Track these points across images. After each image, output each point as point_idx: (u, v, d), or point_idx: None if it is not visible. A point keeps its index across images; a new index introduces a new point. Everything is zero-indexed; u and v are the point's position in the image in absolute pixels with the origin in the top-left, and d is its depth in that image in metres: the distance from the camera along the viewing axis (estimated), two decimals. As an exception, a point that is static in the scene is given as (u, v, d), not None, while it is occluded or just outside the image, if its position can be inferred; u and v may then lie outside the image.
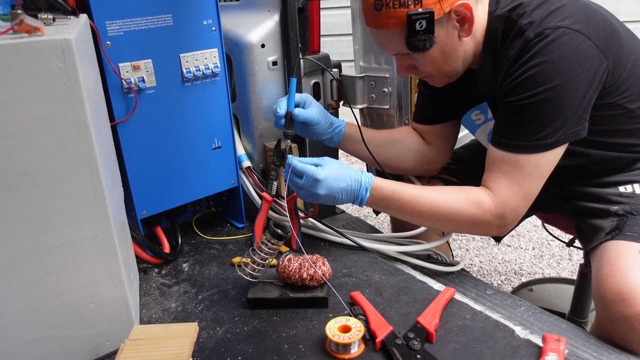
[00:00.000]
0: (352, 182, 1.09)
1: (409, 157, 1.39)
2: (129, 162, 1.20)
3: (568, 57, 0.99)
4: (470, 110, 1.29)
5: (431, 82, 1.20)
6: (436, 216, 1.10)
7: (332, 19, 3.95)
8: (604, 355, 0.95)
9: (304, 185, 1.09)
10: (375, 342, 0.95)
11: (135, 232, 1.18)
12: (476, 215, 1.08)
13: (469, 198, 1.08)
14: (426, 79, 1.19)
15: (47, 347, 0.91)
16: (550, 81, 0.99)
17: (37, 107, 0.79)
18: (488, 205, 1.07)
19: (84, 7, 1.06)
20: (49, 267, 0.87)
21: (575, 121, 1.03)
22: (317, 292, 1.08)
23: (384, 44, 1.11)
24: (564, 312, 1.74)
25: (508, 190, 1.07)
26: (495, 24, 1.09)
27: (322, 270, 1.09)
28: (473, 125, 1.32)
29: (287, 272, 1.09)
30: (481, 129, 1.31)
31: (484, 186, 1.11)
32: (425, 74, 1.15)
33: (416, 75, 1.19)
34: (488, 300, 1.10)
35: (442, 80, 1.17)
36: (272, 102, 1.49)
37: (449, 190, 1.12)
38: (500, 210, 1.07)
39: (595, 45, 1.01)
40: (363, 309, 1.03)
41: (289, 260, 1.10)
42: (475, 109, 1.28)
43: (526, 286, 2.03)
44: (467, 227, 1.11)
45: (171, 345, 0.87)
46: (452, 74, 1.15)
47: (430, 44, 1.05)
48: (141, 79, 1.16)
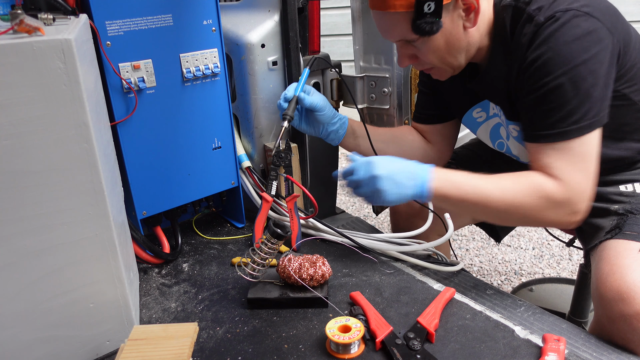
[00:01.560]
0: (407, 163, 1.07)
1: (412, 154, 1.38)
2: (129, 162, 1.20)
3: (582, 38, 0.97)
4: (472, 108, 1.28)
5: (434, 74, 1.18)
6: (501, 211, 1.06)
7: (332, 19, 3.95)
8: (604, 355, 0.95)
9: (361, 178, 1.06)
10: (375, 342, 0.95)
11: (135, 232, 1.18)
12: (540, 202, 1.03)
13: (533, 187, 1.03)
14: (429, 71, 1.17)
15: (47, 347, 0.91)
16: (568, 62, 0.97)
17: (37, 107, 0.79)
18: (553, 189, 1.02)
19: (84, 7, 1.06)
20: (49, 267, 0.87)
21: (604, 103, 1.01)
22: (317, 292, 1.08)
23: (388, 28, 1.09)
24: (564, 312, 1.74)
25: (569, 168, 1.01)
26: (502, 14, 1.08)
27: (322, 270, 1.09)
28: (474, 124, 1.32)
29: (287, 272, 1.09)
30: (483, 127, 1.31)
31: (541, 171, 1.05)
32: (427, 65, 1.13)
33: (417, 68, 1.17)
34: (488, 300, 1.10)
35: (445, 72, 1.15)
36: (273, 102, 1.49)
37: (508, 178, 1.06)
38: (567, 191, 1.02)
39: (605, 27, 1.00)
40: (363, 309, 1.03)
41: (289, 260, 1.10)
42: (477, 107, 1.27)
43: (526, 286, 2.04)
44: (535, 217, 1.07)
45: (171, 345, 0.87)
46: (455, 66, 1.13)
47: (437, 28, 1.02)
48: (141, 79, 1.16)
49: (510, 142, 1.25)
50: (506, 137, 1.26)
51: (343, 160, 3.70)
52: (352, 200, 3.13)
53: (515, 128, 1.18)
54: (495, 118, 1.26)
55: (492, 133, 1.30)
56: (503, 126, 1.25)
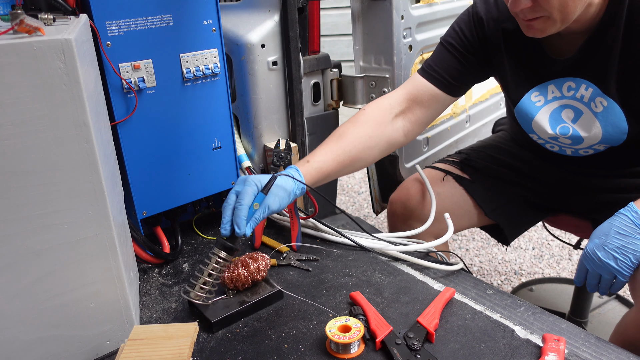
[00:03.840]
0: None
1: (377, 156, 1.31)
2: (129, 162, 1.20)
3: None
4: (530, 91, 1.22)
5: (537, 26, 1.05)
6: None
7: (332, 19, 3.95)
8: (603, 355, 0.95)
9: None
10: (375, 342, 0.95)
11: (135, 232, 1.18)
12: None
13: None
14: (533, 22, 1.05)
15: (47, 347, 0.91)
16: None
17: (37, 107, 0.79)
18: None
19: (84, 7, 1.06)
20: (49, 267, 0.87)
21: None
22: (270, 289, 1.11)
23: None
24: (564, 312, 1.74)
25: None
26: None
27: (264, 259, 1.13)
28: (532, 108, 1.23)
29: (234, 276, 1.09)
30: (542, 111, 1.23)
31: None
32: (541, 11, 1.02)
33: (526, 15, 1.04)
34: (488, 300, 1.10)
35: (552, 25, 1.04)
36: (273, 102, 1.49)
37: None
38: None
39: None
40: (363, 308, 1.03)
41: (229, 268, 1.10)
42: (535, 90, 1.21)
43: (526, 286, 2.04)
44: None
45: (171, 345, 0.87)
46: (568, 20, 1.03)
47: None
48: (141, 79, 1.16)
49: (580, 122, 1.19)
50: (572, 119, 1.20)
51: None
52: (352, 200, 3.14)
53: (602, 101, 1.13)
54: (557, 101, 1.20)
55: (553, 118, 1.23)
56: (571, 107, 1.19)
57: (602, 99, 1.14)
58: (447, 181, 1.42)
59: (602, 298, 1.90)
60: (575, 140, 1.23)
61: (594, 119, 1.17)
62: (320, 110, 1.63)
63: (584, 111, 1.18)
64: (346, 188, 3.28)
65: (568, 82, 1.18)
